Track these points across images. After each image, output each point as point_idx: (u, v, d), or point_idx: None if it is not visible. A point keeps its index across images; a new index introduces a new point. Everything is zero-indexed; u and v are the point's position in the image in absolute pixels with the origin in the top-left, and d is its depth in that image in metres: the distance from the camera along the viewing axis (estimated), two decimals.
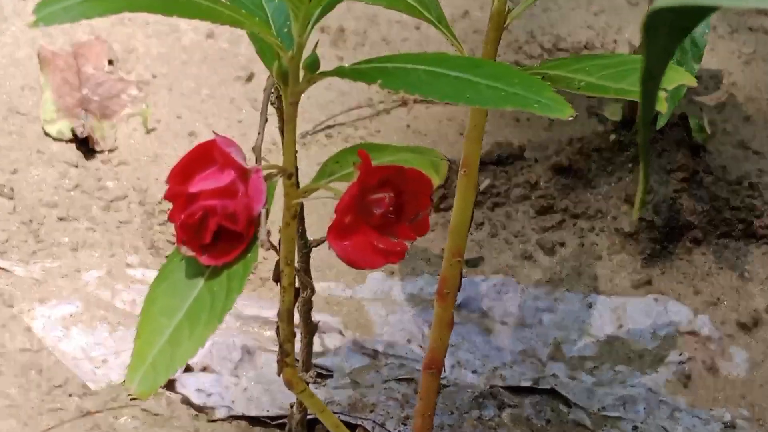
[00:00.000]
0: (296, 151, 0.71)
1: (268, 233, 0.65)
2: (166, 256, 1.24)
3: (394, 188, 0.69)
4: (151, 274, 1.22)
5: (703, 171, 1.28)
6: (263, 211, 0.66)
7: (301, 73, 0.68)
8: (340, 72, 0.66)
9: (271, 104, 0.87)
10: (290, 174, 0.70)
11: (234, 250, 0.67)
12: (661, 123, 1.17)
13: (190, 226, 0.65)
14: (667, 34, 0.43)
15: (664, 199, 1.24)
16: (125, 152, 1.37)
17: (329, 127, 1.44)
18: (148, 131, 1.39)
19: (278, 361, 0.82)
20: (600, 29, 1.58)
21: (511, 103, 0.60)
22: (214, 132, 0.67)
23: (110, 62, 1.44)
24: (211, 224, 0.65)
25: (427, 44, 1.54)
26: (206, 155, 0.67)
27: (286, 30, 0.71)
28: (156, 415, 1.12)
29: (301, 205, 0.84)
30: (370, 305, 1.21)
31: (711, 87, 1.47)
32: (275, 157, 1.35)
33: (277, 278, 0.77)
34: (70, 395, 1.12)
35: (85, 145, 1.36)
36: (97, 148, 1.36)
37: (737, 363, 1.16)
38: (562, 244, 1.27)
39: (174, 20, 1.52)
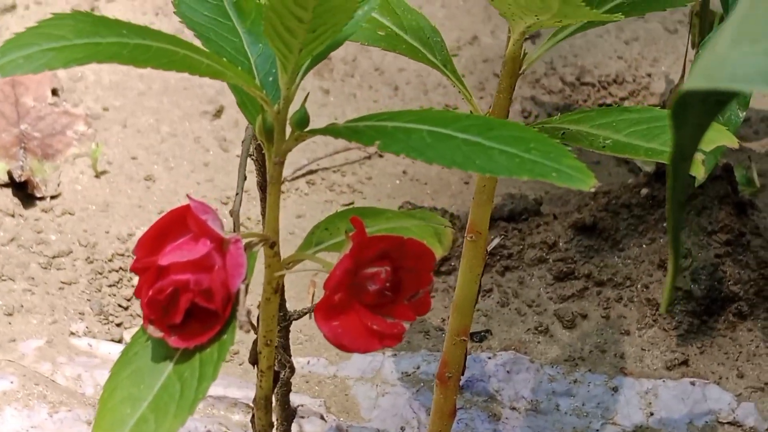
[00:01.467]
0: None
1: (248, 313, 0.69)
2: (118, 324, 1.28)
3: (391, 262, 0.72)
4: (99, 345, 1.25)
5: (750, 232, 1.31)
6: (242, 287, 0.70)
7: (288, 130, 0.72)
8: (332, 131, 0.70)
9: (249, 156, 0.91)
10: (273, 243, 0.74)
11: (208, 331, 0.70)
12: (701, 177, 1.21)
13: (158, 303, 0.69)
14: (700, 112, 0.47)
15: (704, 266, 1.27)
16: (70, 199, 1.39)
17: (311, 172, 1.46)
18: (98, 175, 1.42)
19: None
20: (632, 60, 1.62)
21: (527, 173, 0.64)
22: (188, 196, 0.71)
23: (54, 92, 1.46)
24: (183, 302, 0.69)
25: (427, 76, 1.58)
26: (179, 222, 0.70)
27: (271, 79, 0.75)
28: None
29: None
30: (356, 385, 1.24)
31: (762, 131, 1.51)
32: (253, 213, 1.38)
33: (254, 360, 0.81)
34: None
35: (24, 191, 1.38)
36: (38, 194, 1.38)
37: None
38: (584, 316, 1.29)
39: None
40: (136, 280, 1.34)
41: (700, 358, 1.26)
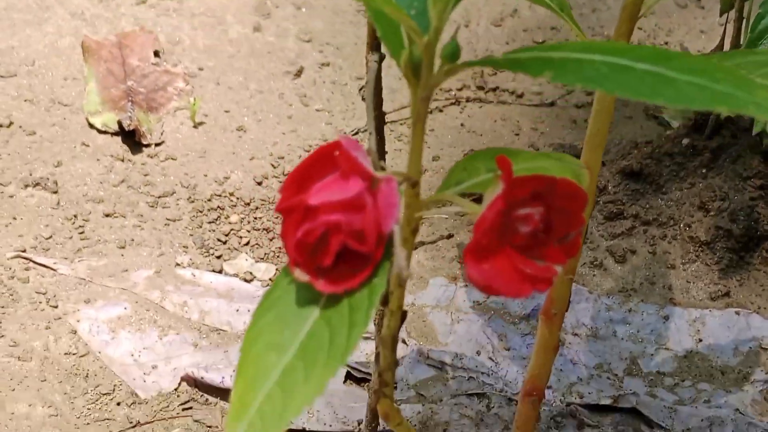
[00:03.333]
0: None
1: (408, 256, 0.49)
2: (218, 257, 1.09)
3: (544, 202, 0.52)
4: (202, 275, 1.08)
5: None
6: (397, 229, 0.50)
7: (437, 63, 0.51)
8: (492, 62, 0.49)
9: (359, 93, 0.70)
10: (414, 183, 0.54)
11: (358, 275, 0.50)
12: (758, 128, 1.01)
13: (307, 245, 0.49)
14: None
15: (741, 207, 1.08)
16: (172, 146, 1.21)
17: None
18: (196, 125, 1.24)
19: (375, 391, 0.65)
20: (650, 30, 1.43)
21: (724, 104, 0.44)
22: (340, 136, 0.50)
23: (156, 54, 1.29)
24: (334, 244, 0.49)
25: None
26: (326, 160, 0.50)
27: (413, 12, 0.54)
28: (209, 426, 0.96)
29: None
30: (432, 313, 1.05)
31: None
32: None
33: (384, 300, 0.60)
34: (118, 404, 0.97)
35: (131, 139, 1.21)
36: (144, 142, 1.20)
37: None
38: (633, 252, 1.11)
39: (220, 12, 1.36)
40: (233, 217, 1.16)
41: (740, 290, 1.07)
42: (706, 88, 0.45)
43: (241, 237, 1.12)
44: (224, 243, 1.11)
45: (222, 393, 0.98)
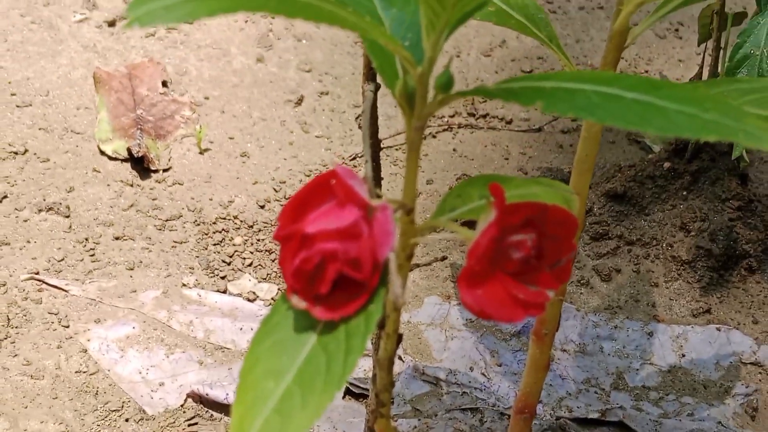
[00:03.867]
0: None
1: (403, 285, 0.46)
2: (222, 277, 1.06)
3: (535, 229, 0.50)
4: (207, 295, 1.05)
5: (756, 199, 1.10)
6: (392, 257, 0.47)
7: (431, 93, 0.49)
8: (484, 92, 0.47)
9: (355, 121, 0.68)
10: (409, 210, 0.51)
11: (354, 302, 0.47)
12: (737, 153, 0.99)
13: (305, 273, 0.46)
14: None
15: (720, 228, 1.06)
16: (179, 172, 1.18)
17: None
18: (202, 152, 1.21)
19: (372, 411, 0.63)
20: (631, 60, 1.41)
21: (714, 133, 0.41)
22: (334, 165, 0.48)
23: (164, 84, 1.27)
24: (330, 271, 0.46)
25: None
26: (322, 189, 0.47)
27: (407, 43, 0.52)
28: None
29: None
30: (427, 330, 1.02)
31: None
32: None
33: (381, 324, 0.58)
34: (126, 420, 0.94)
35: (140, 165, 1.18)
36: (152, 168, 1.18)
37: None
38: (618, 271, 1.08)
39: (225, 44, 1.34)
40: (237, 239, 1.14)
41: (721, 306, 1.05)
42: (695, 116, 0.43)
43: (244, 258, 1.09)
44: (228, 264, 1.09)
45: (226, 409, 0.95)
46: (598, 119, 0.43)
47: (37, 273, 1.05)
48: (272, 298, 1.05)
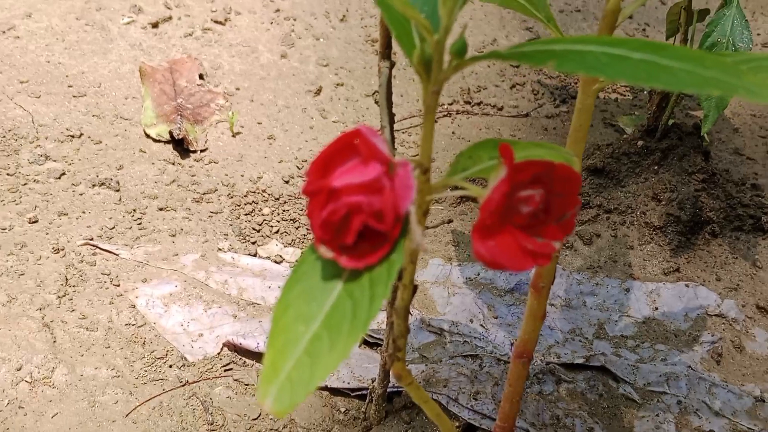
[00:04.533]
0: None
1: (423, 233, 0.41)
2: (253, 243, 1.02)
3: (543, 185, 0.45)
4: (239, 258, 1.00)
5: (718, 173, 1.05)
6: (412, 209, 0.42)
7: (446, 59, 0.44)
8: (498, 55, 0.42)
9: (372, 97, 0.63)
10: (426, 169, 0.47)
11: (377, 252, 0.43)
12: (705, 129, 0.94)
13: (331, 224, 0.42)
14: None
15: (687, 198, 1.01)
16: (214, 152, 1.13)
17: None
18: (234, 135, 1.16)
19: (389, 355, 0.58)
20: None
21: (716, 88, 0.37)
22: (359, 127, 0.43)
23: (201, 77, 1.22)
24: (355, 223, 0.42)
25: None
26: (348, 147, 0.43)
27: (423, 14, 0.47)
28: (247, 384, 0.89)
29: None
30: (432, 288, 0.98)
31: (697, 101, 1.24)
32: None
33: (399, 276, 0.53)
34: (170, 366, 0.90)
35: (181, 146, 1.13)
36: (191, 149, 1.13)
37: (760, 342, 0.93)
38: (598, 236, 1.03)
39: (253, 43, 1.29)
40: (265, 210, 1.09)
41: (688, 266, 1.00)
42: (697, 73, 0.38)
43: (272, 226, 1.05)
44: (258, 231, 1.04)
45: (257, 356, 0.91)
46: (608, 76, 0.38)
47: (92, 239, 1.00)
48: (296, 261, 1.01)
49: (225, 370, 0.90)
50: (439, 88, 0.45)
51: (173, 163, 1.11)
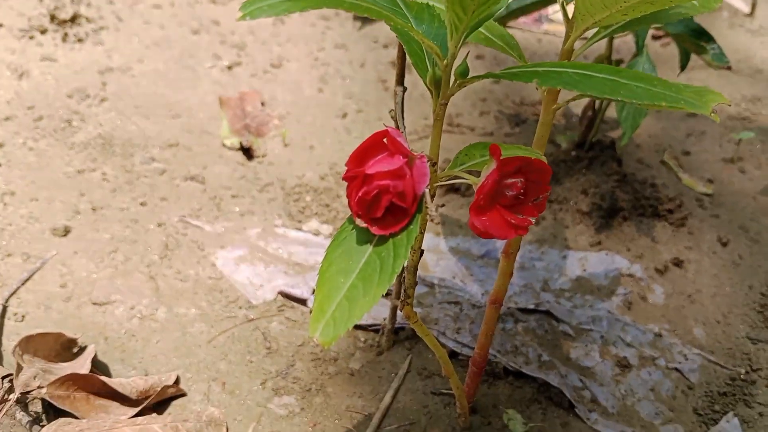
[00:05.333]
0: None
1: (436, 209, 0.37)
2: (299, 221, 0.97)
3: (523, 175, 0.41)
4: (289, 232, 0.96)
5: (628, 174, 1.01)
6: (427, 191, 0.38)
7: (452, 80, 0.40)
8: (493, 75, 0.38)
9: (390, 114, 0.58)
10: (434, 162, 0.42)
11: (400, 223, 0.39)
12: (622, 143, 0.90)
13: (365, 201, 0.38)
14: None
15: (606, 192, 0.97)
16: (271, 157, 1.09)
17: None
18: (286, 145, 1.11)
19: (401, 301, 0.54)
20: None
21: (663, 100, 0.33)
22: (384, 125, 0.39)
23: (262, 104, 1.16)
24: (384, 201, 0.38)
25: None
26: (377, 143, 0.38)
27: (435, 43, 0.43)
28: (294, 321, 0.85)
29: None
30: (426, 254, 0.93)
31: (612, 124, 1.19)
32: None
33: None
34: (240, 308, 0.86)
35: (248, 153, 1.08)
36: (255, 154, 1.08)
37: (657, 294, 0.89)
38: (544, 218, 0.99)
39: (299, 81, 1.24)
40: (307, 198, 1.04)
41: (607, 240, 0.96)
42: (649, 89, 0.34)
43: (312, 209, 1.00)
44: (302, 212, 1.00)
45: (302, 302, 0.87)
46: (580, 90, 0.34)
47: (185, 216, 0.96)
48: (330, 234, 0.97)
49: (279, 311, 0.86)
50: (446, 102, 0.41)
51: (242, 164, 1.06)
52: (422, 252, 0.51)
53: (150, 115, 1.13)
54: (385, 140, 0.39)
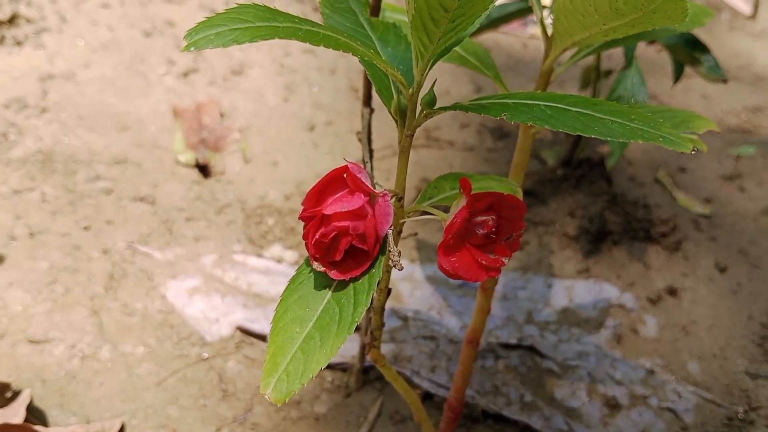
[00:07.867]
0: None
1: (399, 253, 0.37)
2: (260, 246, 0.97)
3: (495, 212, 0.42)
4: (249, 259, 0.95)
5: (618, 195, 1.03)
6: (390, 232, 0.39)
7: (418, 109, 0.40)
8: (460, 107, 0.38)
9: (356, 136, 0.59)
10: (400, 197, 0.43)
11: (361, 266, 0.39)
12: (611, 163, 0.91)
13: (323, 244, 0.38)
14: None
15: (595, 214, 0.98)
16: (230, 175, 1.08)
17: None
18: (246, 161, 1.11)
19: (368, 344, 0.54)
20: None
21: (640, 137, 0.33)
22: (345, 159, 0.39)
23: (221, 115, 1.16)
24: (343, 243, 0.38)
25: None
26: (337, 180, 0.39)
27: (399, 71, 0.43)
28: (254, 359, 0.84)
29: None
30: (400, 283, 0.94)
31: (601, 141, 1.22)
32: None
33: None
34: (192, 345, 0.85)
35: (204, 170, 1.08)
36: (212, 172, 1.08)
37: (649, 327, 0.91)
38: (528, 243, 1.00)
39: (262, 90, 1.24)
40: (270, 221, 1.04)
41: (596, 267, 0.97)
42: (625, 125, 0.35)
43: (275, 234, 1.00)
44: (264, 237, 1.00)
45: (262, 338, 0.86)
46: (552, 126, 0.35)
47: (133, 242, 0.95)
48: (295, 261, 0.96)
49: (236, 348, 0.86)
50: (412, 133, 0.41)
51: (198, 183, 1.06)
52: (389, 291, 0.51)
53: (96, 127, 1.12)
54: (345, 176, 0.39)
